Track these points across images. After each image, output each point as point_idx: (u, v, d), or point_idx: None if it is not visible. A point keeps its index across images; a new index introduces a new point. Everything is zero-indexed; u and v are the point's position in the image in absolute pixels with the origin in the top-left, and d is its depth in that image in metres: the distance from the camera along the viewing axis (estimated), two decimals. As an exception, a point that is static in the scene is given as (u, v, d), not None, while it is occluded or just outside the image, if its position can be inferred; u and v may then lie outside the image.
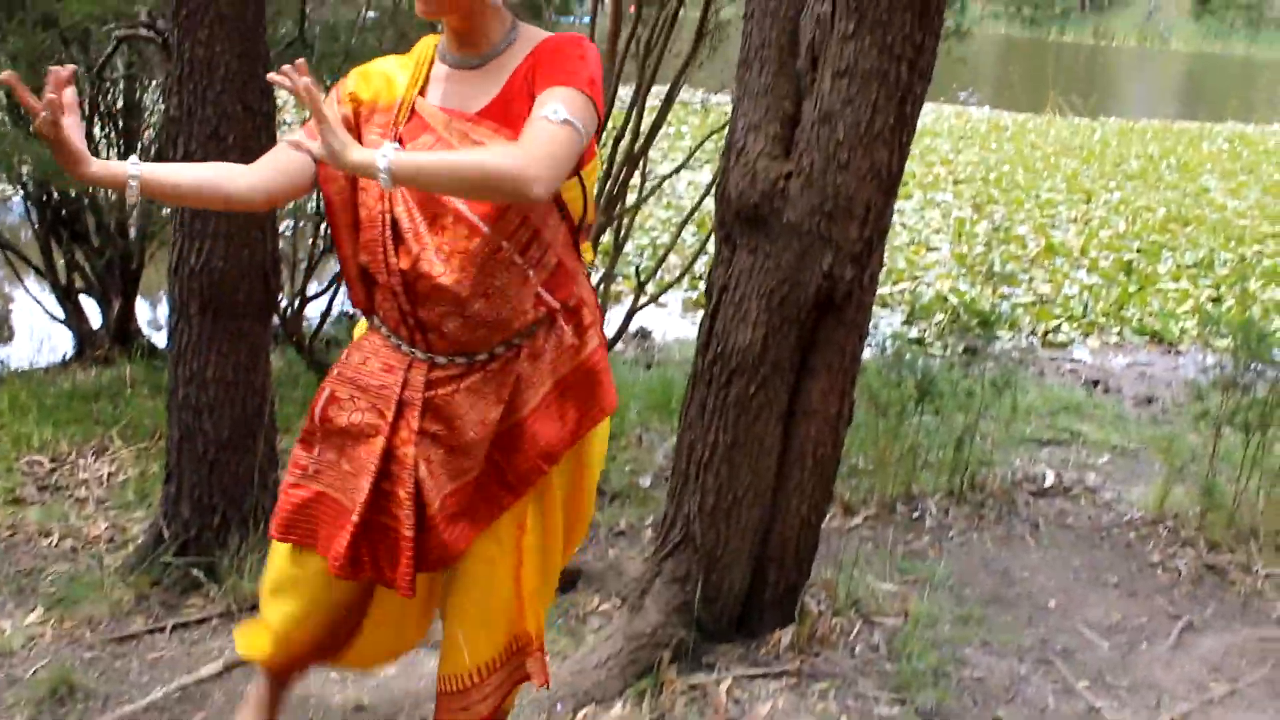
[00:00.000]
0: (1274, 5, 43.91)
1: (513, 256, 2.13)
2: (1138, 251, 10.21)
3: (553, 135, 1.95)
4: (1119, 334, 8.09)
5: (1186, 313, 8.49)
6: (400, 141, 2.12)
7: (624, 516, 4.29)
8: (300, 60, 1.95)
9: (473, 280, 2.11)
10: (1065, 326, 8.13)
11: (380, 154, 1.90)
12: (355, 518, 2.22)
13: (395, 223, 2.13)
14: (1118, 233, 10.90)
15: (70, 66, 1.90)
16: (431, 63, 2.21)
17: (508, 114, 2.09)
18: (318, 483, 2.30)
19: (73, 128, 1.90)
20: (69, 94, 1.89)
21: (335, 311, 6.67)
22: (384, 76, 2.21)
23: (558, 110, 1.96)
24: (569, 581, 3.71)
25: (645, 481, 4.64)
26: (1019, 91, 20.89)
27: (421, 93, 2.19)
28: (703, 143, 5.56)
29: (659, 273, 6.71)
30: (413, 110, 2.17)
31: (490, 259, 2.12)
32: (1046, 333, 7.98)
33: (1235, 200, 12.93)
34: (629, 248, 8.01)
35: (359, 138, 2.14)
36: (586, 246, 2.36)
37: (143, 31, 3.56)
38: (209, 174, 2.14)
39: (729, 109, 3.23)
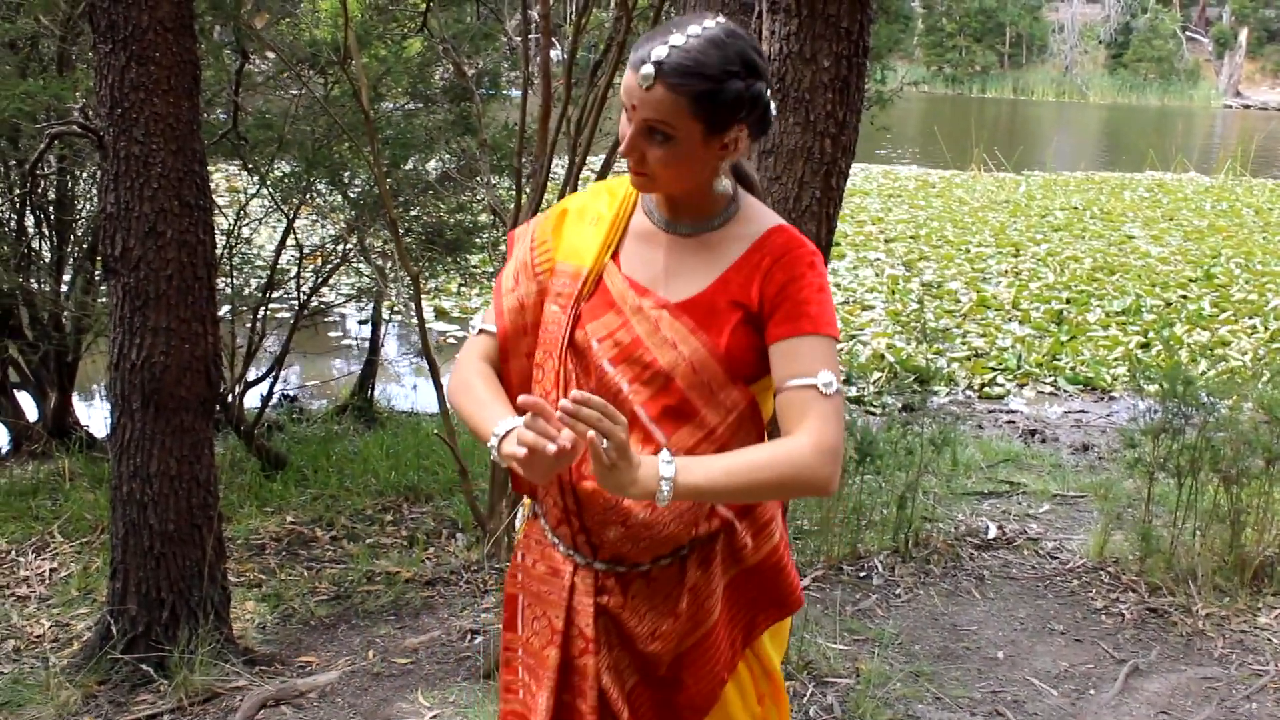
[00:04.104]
0: (1183, 58, 45.33)
1: None
2: (1067, 301, 10.46)
3: (831, 415, 1.80)
4: (1053, 383, 8.26)
5: (1117, 359, 8.70)
6: (579, 319, 1.93)
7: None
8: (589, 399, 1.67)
9: None
10: (1000, 378, 8.29)
11: (663, 479, 1.71)
12: None
13: None
14: (1047, 284, 11.15)
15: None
16: (632, 212, 2.00)
17: (712, 316, 1.88)
18: (524, 706, 2.06)
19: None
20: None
21: (276, 397, 6.67)
22: (581, 232, 1.98)
23: (830, 382, 1.81)
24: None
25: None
26: (944, 149, 21.33)
27: (615, 252, 1.97)
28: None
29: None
30: (600, 278, 1.95)
31: None
32: (983, 386, 8.13)
33: (1158, 247, 13.29)
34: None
35: (539, 292, 1.98)
36: None
37: (77, 129, 3.56)
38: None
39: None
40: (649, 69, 1.76)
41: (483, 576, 4.43)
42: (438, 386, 4.81)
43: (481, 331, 2.02)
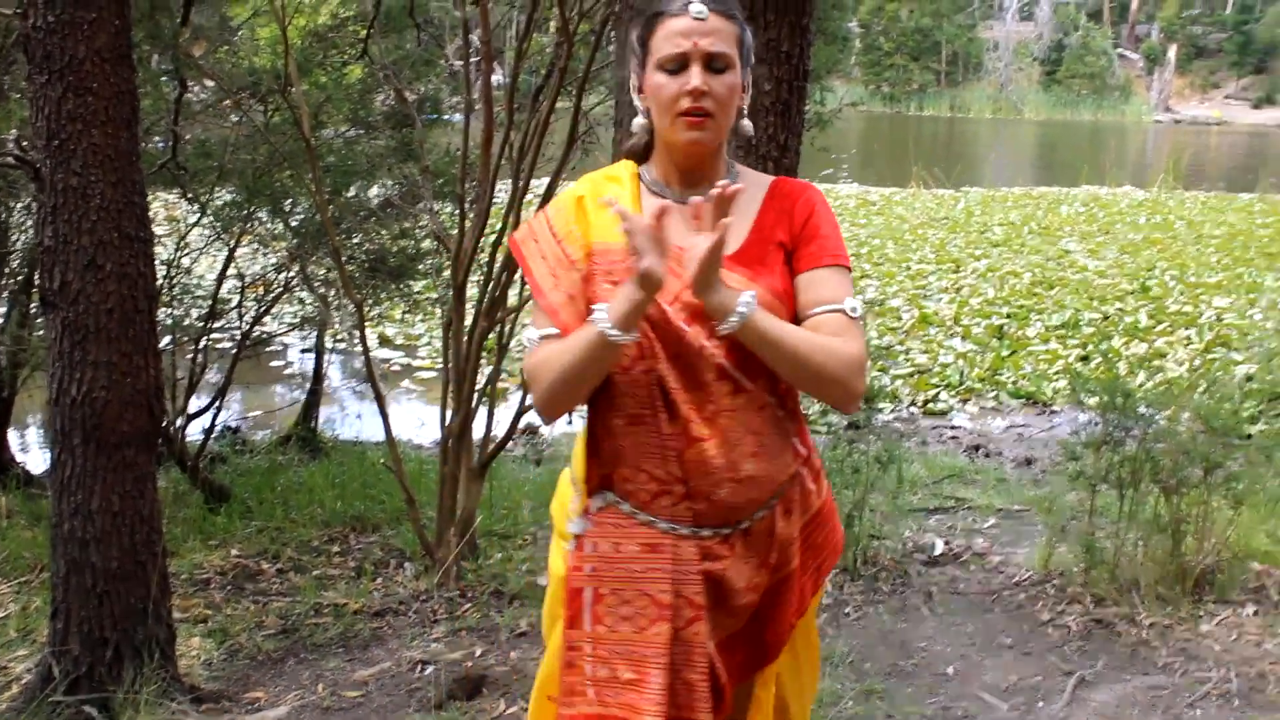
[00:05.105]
0: (1115, 74, 46.16)
1: (776, 410, 2.04)
2: (1007, 316, 10.60)
3: (860, 337, 1.96)
4: (995, 398, 8.35)
5: (1058, 373, 8.82)
6: None
7: (524, 618, 4.28)
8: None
9: (742, 440, 1.99)
10: (944, 394, 8.38)
11: (742, 300, 1.86)
12: None
13: (662, 381, 1.98)
14: (987, 299, 11.29)
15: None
16: (639, 196, 2.08)
17: (761, 260, 2.01)
18: (597, 705, 2.03)
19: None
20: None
21: (218, 429, 6.59)
22: (604, 211, 2.02)
23: (855, 307, 1.98)
24: (474, 688, 3.69)
25: (543, 581, 4.63)
26: (883, 167, 21.54)
27: None
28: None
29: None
30: None
31: (756, 415, 2.00)
32: (926, 402, 8.21)
33: (1095, 261, 13.50)
34: (513, 344, 8.04)
35: (587, 281, 2.03)
36: None
37: (12, 160, 3.52)
38: None
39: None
40: (699, 5, 1.96)
41: (432, 606, 4.40)
42: (383, 414, 4.78)
43: (544, 338, 2.02)
